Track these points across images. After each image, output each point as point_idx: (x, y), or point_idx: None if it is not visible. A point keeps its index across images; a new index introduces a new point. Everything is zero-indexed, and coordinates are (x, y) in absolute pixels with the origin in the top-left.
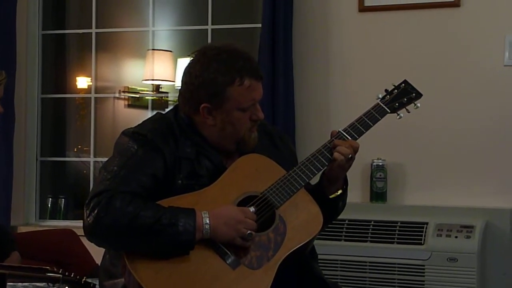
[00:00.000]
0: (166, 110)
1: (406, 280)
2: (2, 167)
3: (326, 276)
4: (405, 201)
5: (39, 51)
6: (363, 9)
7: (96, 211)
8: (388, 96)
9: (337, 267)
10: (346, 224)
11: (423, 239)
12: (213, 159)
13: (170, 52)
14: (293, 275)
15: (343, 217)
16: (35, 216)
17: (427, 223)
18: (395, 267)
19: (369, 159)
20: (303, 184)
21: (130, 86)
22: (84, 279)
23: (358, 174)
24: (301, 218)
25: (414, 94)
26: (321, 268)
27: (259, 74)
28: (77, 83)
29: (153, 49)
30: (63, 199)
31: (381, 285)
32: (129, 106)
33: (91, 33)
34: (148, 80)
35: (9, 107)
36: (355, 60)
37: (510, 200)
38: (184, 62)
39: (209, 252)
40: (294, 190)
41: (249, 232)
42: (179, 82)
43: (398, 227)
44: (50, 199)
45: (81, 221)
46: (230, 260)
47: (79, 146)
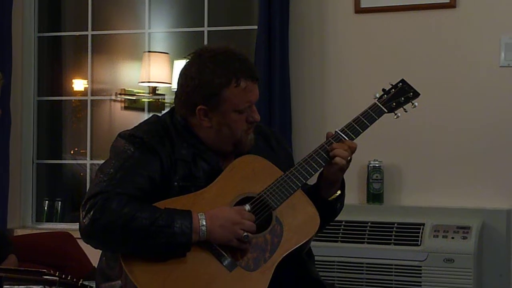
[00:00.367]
0: (163, 112)
1: (403, 281)
2: None
3: (323, 278)
4: (402, 202)
5: (35, 53)
6: (359, 10)
7: (92, 213)
8: (385, 95)
9: (334, 268)
10: (343, 226)
11: (419, 240)
12: (209, 161)
13: (166, 54)
14: (290, 276)
15: (340, 218)
16: (32, 219)
17: (423, 224)
18: (392, 268)
19: (365, 161)
20: (300, 185)
21: (126, 88)
22: (80, 282)
23: (355, 176)
24: (298, 219)
25: (411, 93)
26: (318, 269)
27: (255, 76)
28: (73, 86)
29: (150, 51)
30: (60, 202)
31: (378, 286)
32: (126, 108)
33: (87, 35)
34: (144, 82)
35: (5, 109)
36: (351, 62)
37: (507, 201)
38: (181, 64)
39: (205, 254)
40: (291, 191)
41: (245, 233)
42: (175, 84)
43: (394, 228)
44: (47, 201)
45: (78, 223)
46: (226, 262)
47: (76, 149)
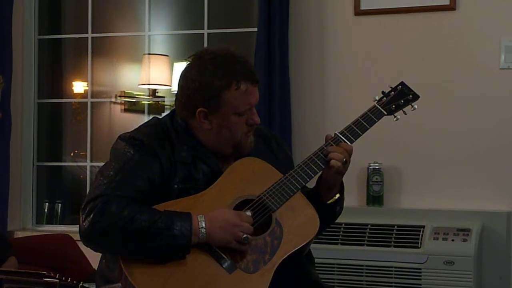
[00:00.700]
0: (163, 115)
1: (403, 283)
2: None
3: (323, 280)
4: (402, 204)
5: (35, 56)
6: (359, 12)
7: (91, 216)
8: (384, 98)
9: (334, 271)
10: (342, 228)
11: (419, 243)
12: (209, 163)
13: (166, 57)
14: (290, 279)
15: (340, 221)
16: (32, 221)
17: (423, 227)
18: (392, 270)
19: (365, 163)
20: (299, 187)
21: (126, 91)
22: (81, 284)
23: (355, 178)
24: (298, 221)
25: (411, 95)
26: (318, 272)
27: (256, 78)
28: (74, 88)
29: (149, 54)
30: (60, 204)
31: None
32: (126, 110)
33: (87, 37)
34: (144, 84)
35: (5, 112)
36: (351, 64)
37: (507, 203)
38: (181, 67)
39: (205, 256)
40: (290, 193)
41: (245, 235)
42: (175, 87)
43: (394, 230)
44: (47, 204)
45: (78, 225)
46: (226, 264)
47: (76, 151)
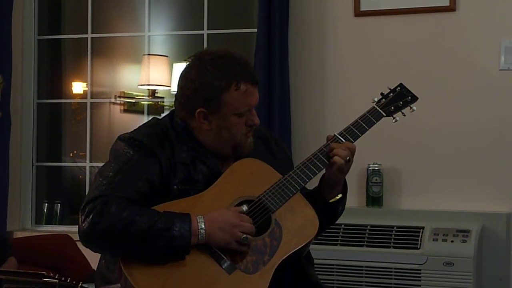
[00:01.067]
0: (162, 115)
1: (402, 284)
2: None
3: (322, 281)
4: (401, 205)
5: (35, 56)
6: (359, 13)
7: (91, 217)
8: (383, 99)
9: (333, 271)
10: (342, 229)
11: (419, 244)
12: (209, 164)
13: (166, 57)
14: (289, 279)
15: (339, 221)
16: (31, 221)
17: (423, 228)
18: (391, 271)
19: (365, 164)
20: (299, 188)
21: (126, 91)
22: (80, 284)
23: (354, 179)
24: (297, 222)
25: (409, 97)
26: (317, 273)
27: (255, 79)
28: (73, 88)
29: (149, 54)
30: (59, 204)
31: None
32: (125, 111)
33: (87, 38)
34: (144, 85)
35: (5, 112)
36: (351, 65)
37: (506, 204)
38: (180, 67)
39: (204, 257)
40: (290, 194)
41: (244, 236)
42: (175, 87)
43: (394, 231)
44: (46, 204)
45: (77, 226)
46: (226, 264)
47: (75, 151)
